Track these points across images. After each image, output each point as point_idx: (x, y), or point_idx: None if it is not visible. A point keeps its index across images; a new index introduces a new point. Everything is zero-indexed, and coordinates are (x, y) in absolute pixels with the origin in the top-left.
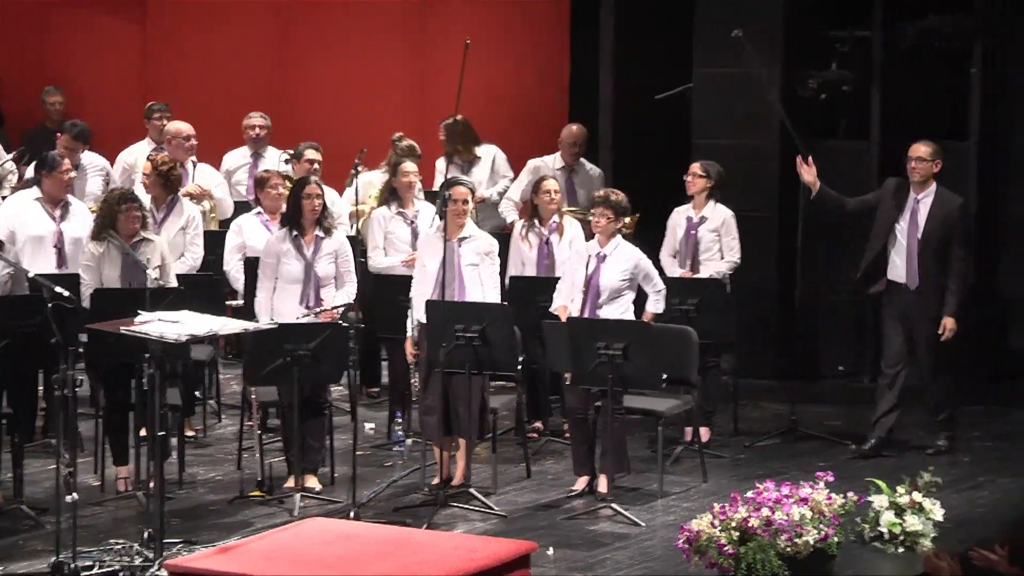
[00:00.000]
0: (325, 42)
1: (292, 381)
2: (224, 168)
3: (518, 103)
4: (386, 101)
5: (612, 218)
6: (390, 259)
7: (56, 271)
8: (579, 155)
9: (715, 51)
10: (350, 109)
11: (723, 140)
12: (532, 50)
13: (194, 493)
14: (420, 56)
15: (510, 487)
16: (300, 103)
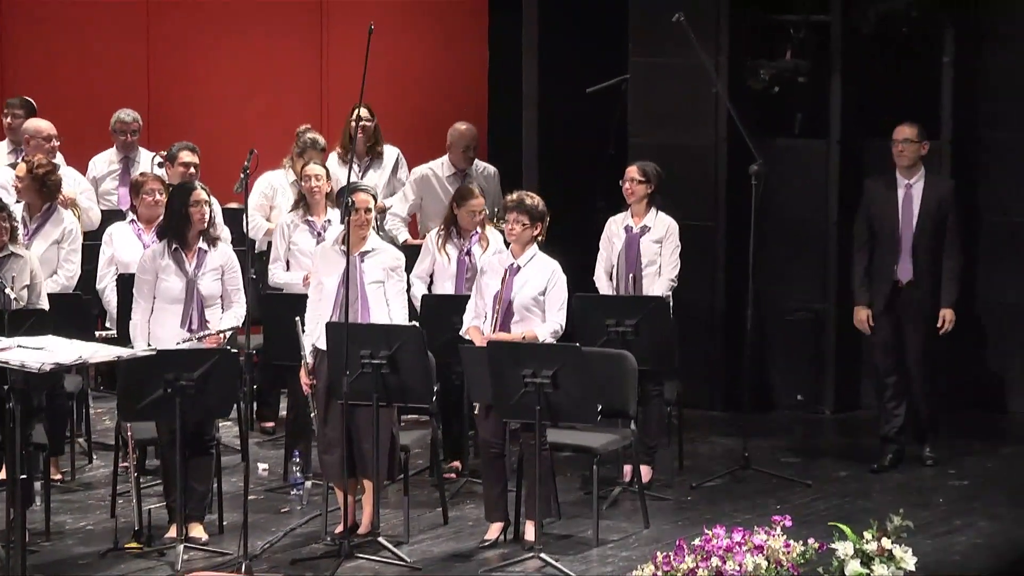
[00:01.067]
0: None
1: (173, 415)
2: (91, 174)
3: (430, 96)
4: (280, 93)
5: (528, 224)
6: (292, 274)
7: None
8: (473, 158)
9: (653, 38)
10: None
11: (663, 138)
12: (445, 36)
13: (61, 545)
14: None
15: (424, 535)
16: (175, 97)
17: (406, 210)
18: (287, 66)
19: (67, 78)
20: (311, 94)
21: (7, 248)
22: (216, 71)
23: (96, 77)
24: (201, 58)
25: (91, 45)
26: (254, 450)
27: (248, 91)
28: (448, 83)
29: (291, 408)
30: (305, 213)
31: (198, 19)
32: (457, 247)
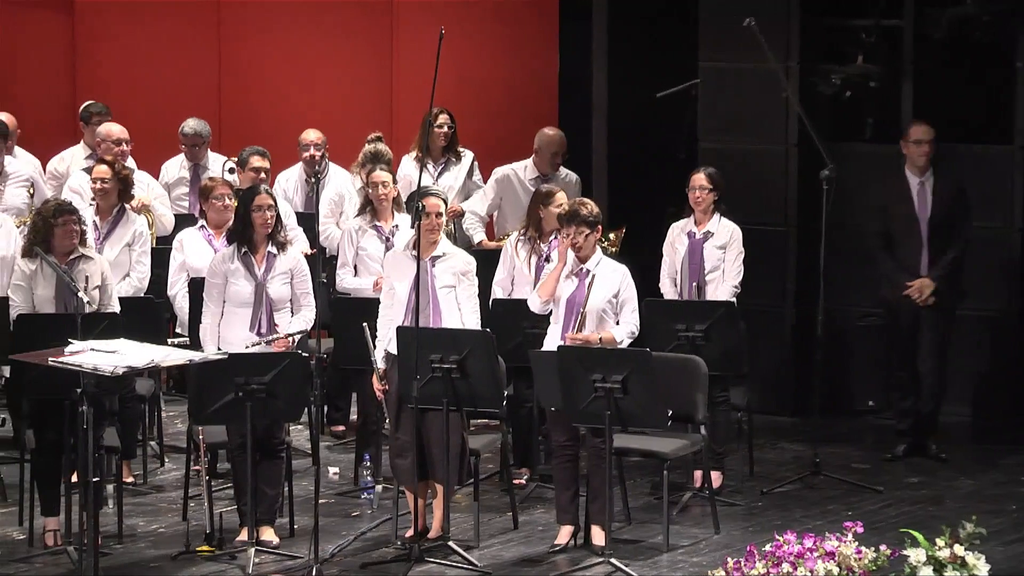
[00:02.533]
0: (275, 32)
1: (244, 419)
2: (162, 179)
3: (500, 102)
4: (349, 97)
5: (588, 232)
6: (360, 280)
7: None
8: (559, 165)
9: (724, 43)
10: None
11: (732, 143)
12: (516, 43)
13: (133, 547)
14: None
15: (494, 539)
16: (247, 102)
17: (485, 209)
18: (357, 70)
19: (140, 83)
20: (381, 99)
21: (77, 251)
22: (286, 76)
23: (168, 82)
24: (272, 63)
25: (163, 50)
26: (325, 454)
27: (318, 95)
28: (518, 89)
29: (361, 412)
30: (372, 218)
31: (269, 24)
32: (536, 253)
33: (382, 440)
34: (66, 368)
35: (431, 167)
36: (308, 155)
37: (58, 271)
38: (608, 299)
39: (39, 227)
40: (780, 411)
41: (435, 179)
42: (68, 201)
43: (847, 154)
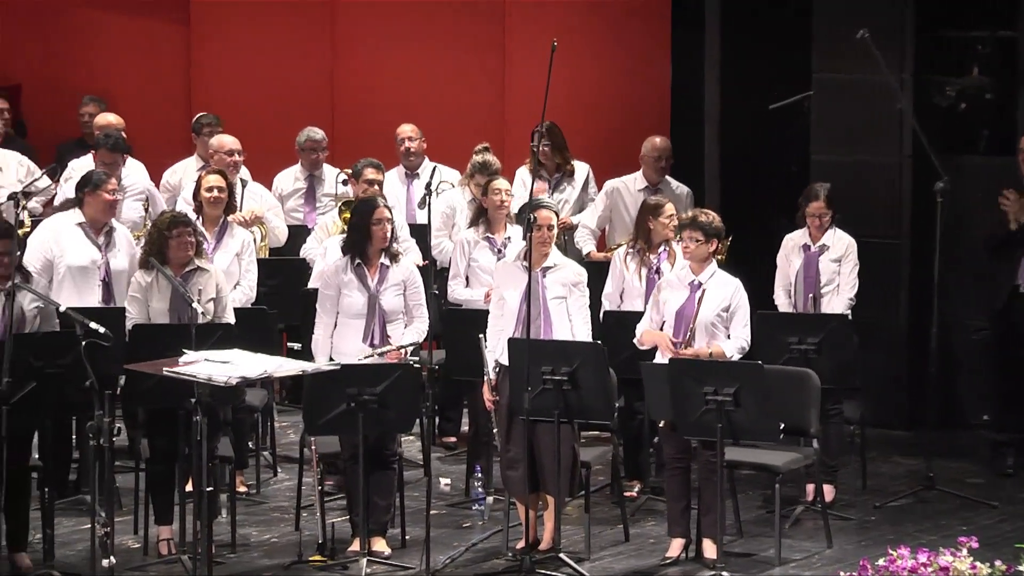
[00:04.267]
0: (389, 44)
1: (356, 430)
2: (276, 191)
3: (612, 113)
4: (461, 109)
5: (703, 241)
6: (472, 291)
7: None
8: (666, 171)
9: (837, 54)
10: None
11: (845, 155)
12: (628, 53)
13: (246, 557)
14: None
15: (605, 552)
16: (361, 113)
17: (595, 222)
18: (469, 83)
19: (253, 94)
20: (493, 110)
21: (193, 262)
22: (398, 87)
23: (282, 93)
24: (385, 75)
25: (277, 61)
26: (436, 465)
27: (429, 105)
28: (630, 101)
29: (473, 423)
30: (485, 230)
31: (382, 38)
32: (646, 265)
33: (493, 452)
34: (180, 378)
35: (546, 180)
36: (404, 148)
37: (173, 283)
38: (718, 312)
39: (155, 239)
40: (893, 424)
41: (550, 191)
42: (183, 213)
43: (961, 166)
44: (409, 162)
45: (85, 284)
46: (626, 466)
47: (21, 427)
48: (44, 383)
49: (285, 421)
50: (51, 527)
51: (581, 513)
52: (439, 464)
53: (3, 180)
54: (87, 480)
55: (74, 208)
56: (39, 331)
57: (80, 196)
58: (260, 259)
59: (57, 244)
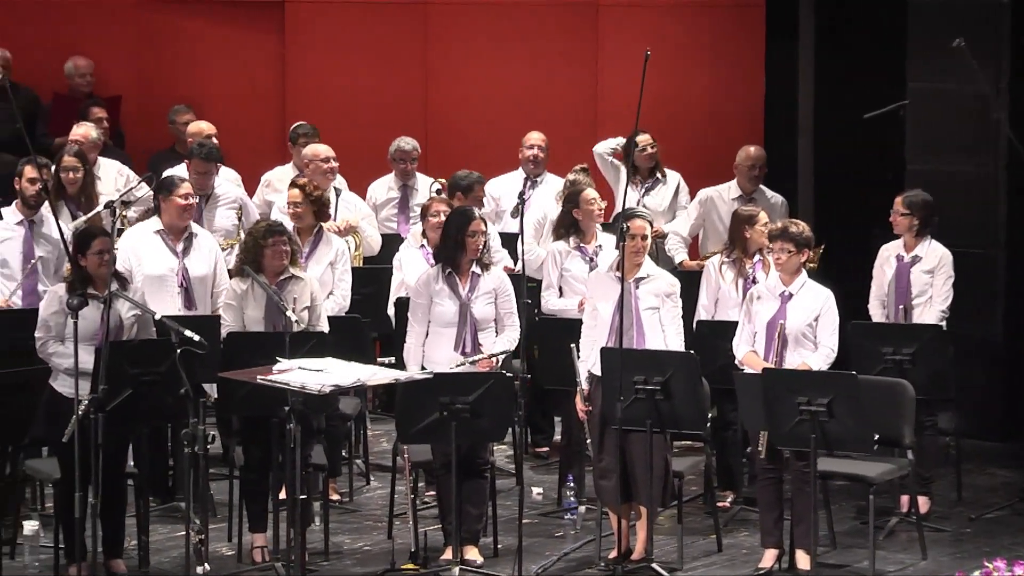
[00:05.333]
0: (481, 53)
1: (449, 439)
2: (370, 200)
3: (705, 121)
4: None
5: (794, 251)
6: (565, 300)
7: (183, 313)
8: (760, 181)
9: (933, 63)
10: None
11: (941, 165)
12: (722, 62)
13: (339, 564)
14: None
15: (698, 562)
16: (453, 122)
17: (688, 230)
18: (561, 93)
19: (347, 103)
20: (585, 120)
21: (288, 271)
22: (491, 98)
23: (375, 102)
24: (477, 84)
25: (370, 70)
26: (528, 474)
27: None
28: (724, 109)
29: (565, 433)
30: (577, 239)
31: (475, 46)
32: (742, 275)
33: (586, 461)
34: (274, 386)
35: (637, 188)
36: (531, 154)
37: (268, 291)
38: (808, 322)
39: (250, 247)
40: (988, 436)
41: (641, 199)
42: (278, 222)
43: None
44: (531, 169)
45: (163, 292)
46: (719, 476)
47: (117, 434)
48: (139, 391)
49: (378, 429)
50: (146, 534)
51: (673, 523)
52: (531, 473)
53: (102, 188)
54: (182, 488)
55: (153, 216)
56: (136, 339)
57: (156, 203)
58: (354, 268)
59: (135, 254)
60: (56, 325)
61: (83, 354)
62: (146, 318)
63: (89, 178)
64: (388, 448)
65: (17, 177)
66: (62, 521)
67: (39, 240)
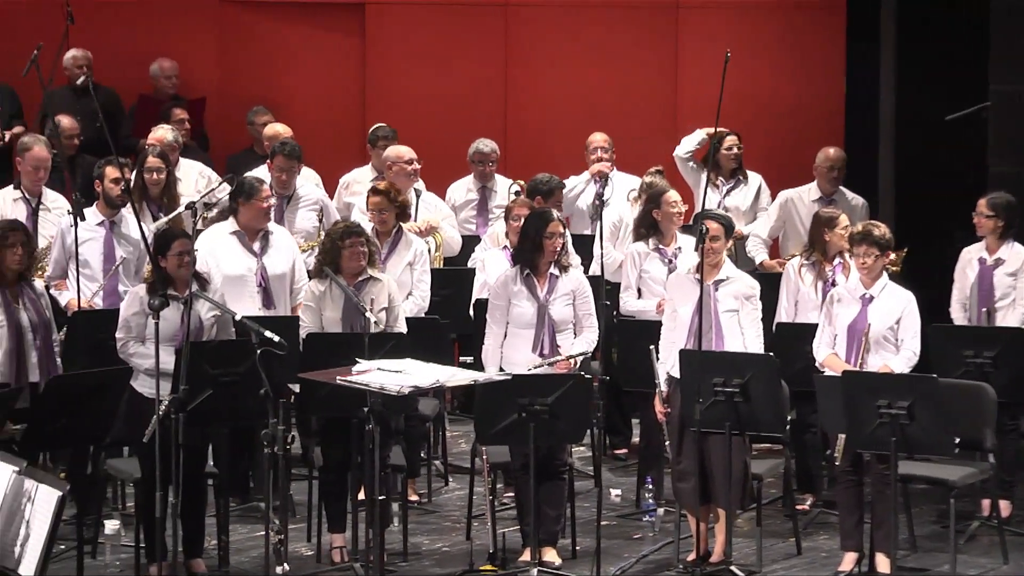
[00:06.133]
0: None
1: (527, 440)
2: (449, 201)
3: (785, 123)
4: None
5: (878, 254)
6: (644, 302)
7: (262, 313)
8: (839, 182)
9: (1016, 65)
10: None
11: None
12: (802, 64)
13: (418, 565)
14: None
15: (777, 565)
16: (533, 123)
17: (768, 232)
18: (640, 94)
19: (427, 104)
20: (665, 122)
21: (366, 272)
22: (570, 99)
23: (455, 103)
24: (557, 85)
25: (450, 72)
26: (606, 476)
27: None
28: (804, 111)
29: (644, 435)
30: (656, 241)
31: (555, 48)
32: (822, 277)
33: (664, 463)
34: (353, 387)
35: (719, 188)
36: (595, 157)
37: (347, 292)
38: (890, 325)
39: (328, 249)
40: None
41: (722, 198)
42: (357, 223)
43: None
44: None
45: (242, 292)
46: (798, 479)
47: (197, 435)
48: (219, 391)
49: (457, 430)
50: (226, 534)
51: (753, 526)
52: (609, 475)
53: (183, 189)
54: (261, 488)
55: (228, 218)
56: (215, 339)
57: (234, 205)
58: (433, 269)
59: (212, 255)
60: (137, 326)
61: (163, 355)
62: (226, 319)
63: (171, 179)
64: (467, 449)
65: (98, 179)
66: (143, 520)
67: (120, 240)
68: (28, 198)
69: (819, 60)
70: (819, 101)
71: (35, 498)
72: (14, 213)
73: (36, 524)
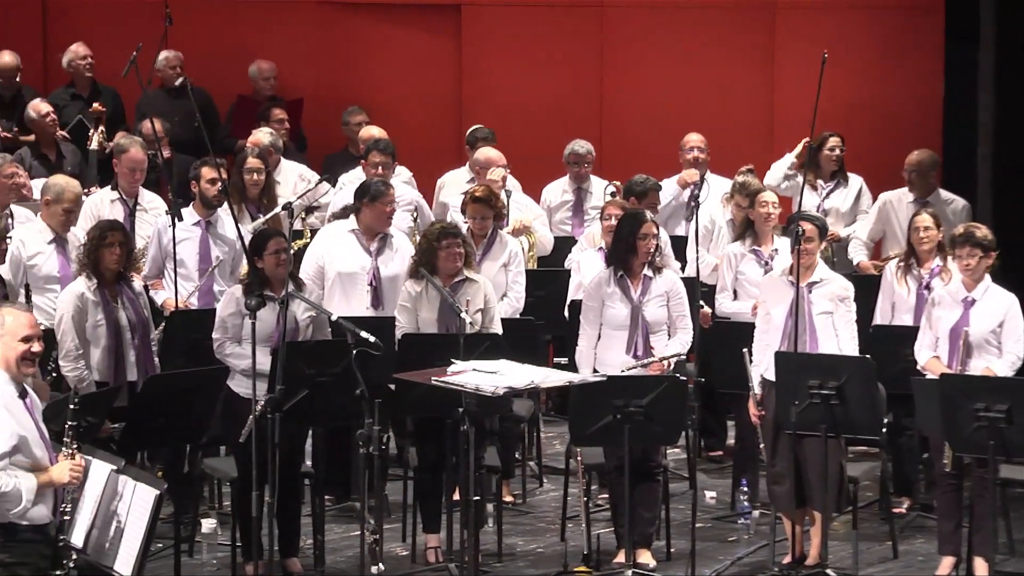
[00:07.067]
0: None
1: (621, 441)
2: (544, 202)
3: (882, 125)
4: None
5: (981, 255)
6: (739, 303)
7: (371, 312)
8: (932, 185)
9: None
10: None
11: None
12: (900, 65)
13: (512, 566)
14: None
15: (873, 568)
16: (628, 124)
17: (867, 234)
18: (737, 96)
19: (523, 105)
20: (761, 123)
21: (462, 273)
22: (666, 100)
23: (550, 104)
24: (652, 86)
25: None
26: (701, 478)
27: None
28: (903, 113)
29: (739, 437)
30: (752, 243)
31: (650, 49)
32: (917, 279)
33: (759, 466)
34: (448, 388)
35: (820, 190)
36: (692, 156)
37: (442, 293)
38: (992, 328)
39: (424, 250)
40: None
41: (822, 200)
42: (453, 224)
43: None
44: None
45: (354, 290)
46: (894, 482)
47: (293, 434)
48: (315, 391)
49: (551, 432)
50: (322, 533)
51: (849, 529)
52: (704, 477)
53: (282, 191)
54: (357, 488)
55: (349, 216)
56: (311, 339)
57: (357, 205)
58: (528, 270)
59: (328, 252)
60: (233, 326)
61: (260, 355)
62: (321, 319)
63: (270, 180)
64: (561, 450)
65: (194, 180)
66: (239, 519)
67: (215, 241)
68: (125, 199)
69: (917, 61)
70: (917, 102)
71: (133, 497)
72: (112, 214)
73: (133, 522)
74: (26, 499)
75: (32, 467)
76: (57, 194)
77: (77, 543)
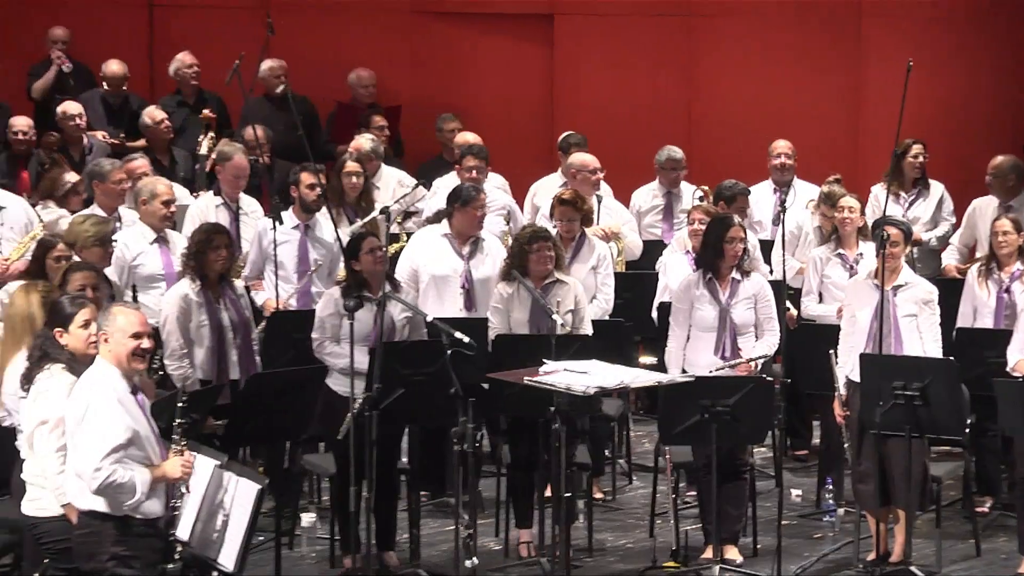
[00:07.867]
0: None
1: (709, 440)
2: (634, 206)
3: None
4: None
5: None
6: (825, 306)
7: (464, 314)
8: (1014, 189)
9: None
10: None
11: None
12: (986, 71)
13: (603, 561)
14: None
15: (956, 566)
16: (717, 130)
17: (959, 239)
18: (824, 102)
19: (613, 111)
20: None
21: (553, 275)
22: (754, 106)
23: (640, 110)
24: (739, 94)
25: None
26: (787, 476)
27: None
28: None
29: (824, 437)
30: (837, 247)
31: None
32: (997, 283)
33: (844, 465)
34: (540, 387)
35: (903, 197)
36: (779, 162)
37: (534, 294)
38: None
39: (516, 252)
40: None
41: (906, 209)
42: (544, 228)
43: None
44: (779, 177)
45: (447, 292)
46: (977, 481)
47: (389, 431)
48: (411, 390)
49: (640, 430)
50: (417, 528)
51: (931, 527)
52: (790, 475)
53: (382, 196)
54: (452, 484)
55: (442, 220)
56: (407, 340)
57: (450, 209)
58: (616, 273)
59: (422, 255)
60: (332, 326)
61: (358, 354)
62: (417, 320)
63: (368, 185)
64: (650, 449)
65: (294, 184)
66: (338, 514)
67: (314, 244)
68: (229, 204)
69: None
70: (1002, 108)
71: (236, 491)
72: (216, 219)
73: (236, 516)
74: (140, 491)
75: (144, 461)
76: (151, 192)
77: (183, 536)
